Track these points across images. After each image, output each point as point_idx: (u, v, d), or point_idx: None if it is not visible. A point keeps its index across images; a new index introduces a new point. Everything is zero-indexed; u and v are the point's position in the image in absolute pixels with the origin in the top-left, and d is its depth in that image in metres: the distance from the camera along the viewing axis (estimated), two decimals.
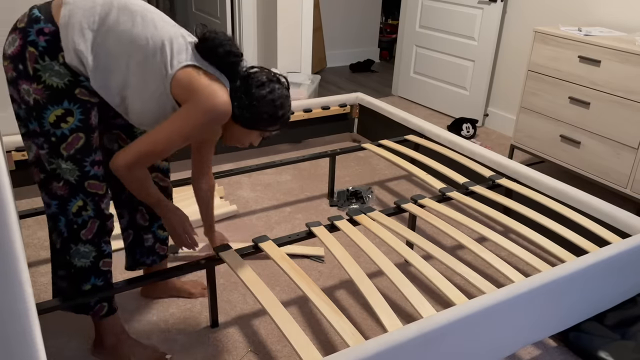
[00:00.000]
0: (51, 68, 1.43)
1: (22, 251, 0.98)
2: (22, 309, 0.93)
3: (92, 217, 1.59)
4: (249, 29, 4.16)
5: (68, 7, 1.44)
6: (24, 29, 1.43)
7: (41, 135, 1.48)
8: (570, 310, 1.76)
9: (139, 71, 1.46)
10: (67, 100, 1.46)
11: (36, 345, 0.96)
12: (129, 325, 1.88)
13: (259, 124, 1.57)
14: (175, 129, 1.46)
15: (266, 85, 1.55)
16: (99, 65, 1.45)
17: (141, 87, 1.48)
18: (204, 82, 1.45)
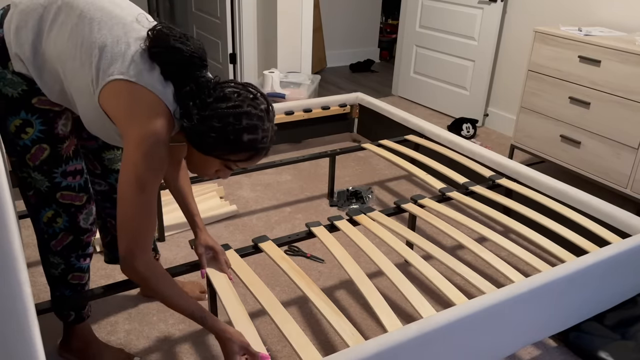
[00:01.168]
0: (3, 77, 1.30)
1: (21, 251, 0.98)
2: (21, 309, 0.93)
3: (64, 229, 1.48)
4: (249, 29, 4.16)
5: (14, 8, 1.29)
6: None
7: (7, 143, 1.39)
8: (570, 310, 1.76)
9: (72, 82, 1.28)
10: (24, 110, 1.34)
11: (35, 345, 0.96)
12: (129, 325, 1.88)
13: (215, 148, 1.25)
14: (128, 182, 1.22)
15: (232, 100, 1.23)
16: (45, 72, 1.30)
17: (79, 100, 1.30)
18: (126, 101, 1.21)
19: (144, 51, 1.24)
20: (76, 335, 1.69)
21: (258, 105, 1.27)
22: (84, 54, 1.24)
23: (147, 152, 1.21)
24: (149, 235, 1.27)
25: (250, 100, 1.26)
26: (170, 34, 1.24)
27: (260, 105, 1.27)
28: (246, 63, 4.24)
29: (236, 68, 4.32)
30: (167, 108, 1.25)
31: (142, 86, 1.22)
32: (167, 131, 1.24)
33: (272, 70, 3.58)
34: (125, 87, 1.21)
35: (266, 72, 3.53)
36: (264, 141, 1.27)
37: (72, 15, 1.27)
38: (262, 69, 4.22)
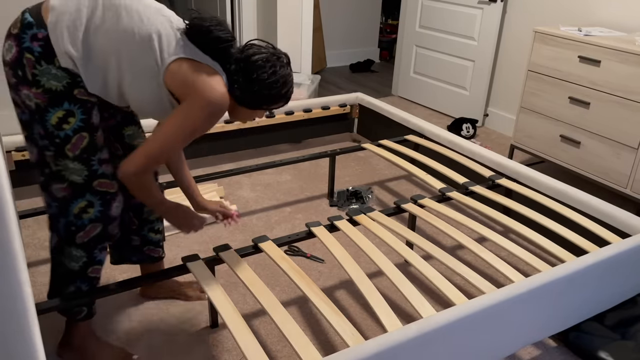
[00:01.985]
0: (48, 72, 1.43)
1: (21, 251, 0.98)
2: (21, 309, 0.93)
3: (94, 219, 1.57)
4: (249, 29, 4.16)
5: (55, 11, 1.43)
6: (18, 35, 1.44)
7: (46, 137, 1.49)
8: (570, 310, 1.76)
9: (131, 67, 1.45)
10: (67, 101, 1.46)
11: (35, 345, 0.96)
12: (129, 326, 1.88)
13: (264, 104, 1.55)
14: (177, 130, 1.45)
15: (267, 67, 1.50)
16: (91, 66, 1.45)
17: (136, 83, 1.47)
18: (196, 77, 1.44)
19: (185, 36, 1.47)
20: (79, 333, 1.70)
21: (283, 62, 1.53)
22: (142, 41, 1.43)
23: (212, 113, 1.45)
24: (162, 162, 1.52)
25: (277, 60, 1.52)
26: (208, 24, 1.46)
27: (284, 61, 1.54)
28: None
29: None
30: (223, 79, 1.49)
31: (203, 63, 1.46)
32: (227, 99, 1.48)
33: None
34: (189, 63, 1.44)
35: None
36: (292, 86, 1.58)
37: (118, 11, 1.44)
38: None
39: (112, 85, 1.49)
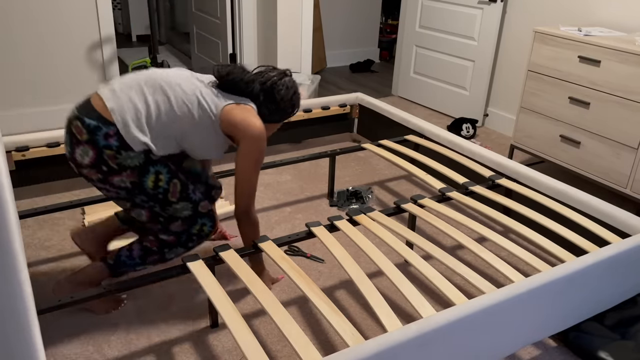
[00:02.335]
0: (128, 156, 1.73)
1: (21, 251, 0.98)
2: (21, 309, 0.93)
3: (208, 233, 1.92)
4: (249, 29, 4.16)
5: (116, 112, 1.72)
6: (91, 140, 1.71)
7: (150, 200, 1.81)
8: (570, 310, 1.76)
9: (193, 129, 1.79)
10: (151, 166, 1.78)
11: (35, 345, 0.96)
12: (129, 326, 1.88)
13: (287, 116, 1.96)
14: (248, 167, 1.83)
15: (282, 86, 1.89)
16: (160, 141, 1.78)
17: (198, 138, 1.81)
18: (239, 118, 1.79)
19: (217, 88, 1.86)
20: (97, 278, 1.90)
21: (288, 75, 1.94)
22: (193, 107, 1.78)
23: (263, 145, 1.82)
24: (254, 196, 1.90)
25: (285, 76, 1.93)
26: (233, 75, 1.85)
27: (289, 74, 1.94)
28: (246, 63, 4.24)
29: None
30: (254, 109, 1.87)
31: (243, 104, 1.84)
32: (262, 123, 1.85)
33: None
34: (231, 107, 1.81)
35: None
36: (298, 99, 1.98)
37: (163, 90, 1.77)
38: None
39: (178, 145, 1.83)
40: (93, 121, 1.70)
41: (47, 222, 2.49)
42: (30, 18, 3.32)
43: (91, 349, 1.77)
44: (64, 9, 3.40)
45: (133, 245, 1.88)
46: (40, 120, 3.55)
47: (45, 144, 2.58)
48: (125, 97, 1.74)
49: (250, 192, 1.87)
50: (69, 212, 2.57)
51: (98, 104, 1.74)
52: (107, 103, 1.72)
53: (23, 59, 3.38)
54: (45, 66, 3.46)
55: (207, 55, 4.73)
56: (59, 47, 3.46)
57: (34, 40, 3.37)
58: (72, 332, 1.84)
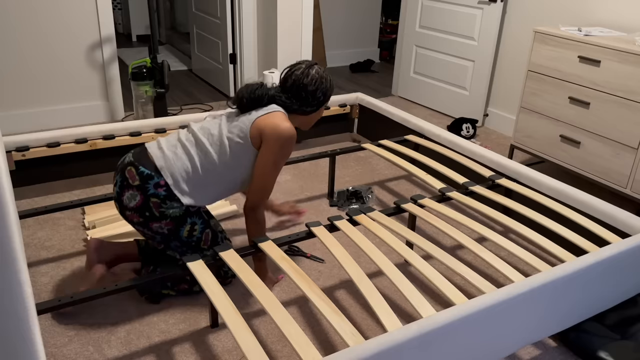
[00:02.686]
0: (172, 207, 1.86)
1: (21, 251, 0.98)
2: (21, 309, 0.93)
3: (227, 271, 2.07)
4: (249, 29, 4.16)
5: (165, 169, 1.86)
6: (141, 187, 1.84)
7: (183, 246, 1.95)
8: (570, 310, 1.76)
9: (234, 167, 1.91)
10: (189, 217, 1.91)
11: (35, 345, 0.96)
12: (129, 326, 1.88)
13: (323, 102, 2.02)
14: (265, 166, 1.88)
15: (310, 78, 1.96)
16: (203, 191, 1.91)
17: (244, 170, 1.92)
18: (263, 126, 1.86)
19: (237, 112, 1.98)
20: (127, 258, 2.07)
21: (315, 65, 2.00)
22: (225, 145, 1.88)
23: (287, 145, 1.88)
24: (268, 195, 1.95)
25: (311, 67, 1.98)
26: (246, 98, 1.94)
27: (314, 63, 2.00)
28: (246, 63, 4.24)
29: (236, 68, 4.32)
30: (285, 114, 1.94)
31: (268, 112, 1.91)
32: (292, 126, 1.91)
33: (272, 70, 3.58)
34: (260, 120, 1.89)
35: (266, 72, 3.52)
36: (332, 85, 2.05)
37: (198, 143, 1.90)
38: (262, 69, 4.22)
39: (222, 190, 1.94)
40: (147, 170, 1.85)
41: (47, 222, 2.49)
42: (31, 18, 3.32)
43: (91, 349, 1.77)
44: (64, 9, 3.40)
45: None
46: (40, 120, 3.55)
47: (45, 144, 2.58)
48: (171, 154, 1.88)
49: (263, 190, 1.92)
50: (69, 212, 2.57)
51: (155, 160, 1.88)
52: (156, 162, 1.87)
53: (23, 59, 3.38)
54: (45, 66, 3.46)
55: (207, 55, 4.73)
56: (59, 47, 3.46)
57: (34, 40, 3.37)
58: (72, 332, 1.84)
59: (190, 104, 4.18)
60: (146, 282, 1.74)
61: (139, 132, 2.76)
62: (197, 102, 4.25)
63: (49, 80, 3.51)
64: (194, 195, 1.89)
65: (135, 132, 2.75)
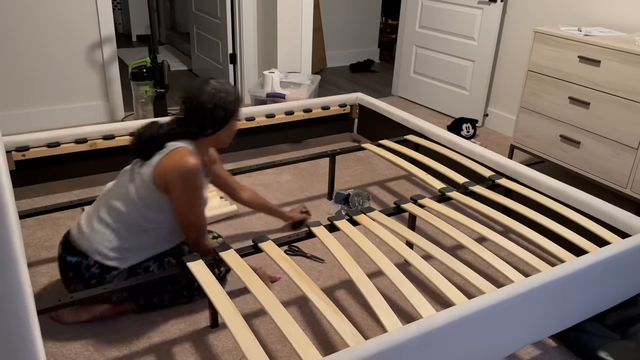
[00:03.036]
0: (114, 276, 1.85)
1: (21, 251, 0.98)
2: (21, 309, 0.93)
3: None
4: (249, 29, 4.16)
5: (88, 250, 1.83)
6: (76, 275, 1.84)
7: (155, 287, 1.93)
8: (570, 310, 1.76)
9: (148, 212, 1.83)
10: (138, 268, 1.87)
11: (35, 345, 0.96)
12: (129, 326, 1.88)
13: (228, 118, 1.87)
14: (184, 206, 1.80)
15: (206, 96, 1.81)
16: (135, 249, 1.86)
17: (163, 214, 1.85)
18: (164, 168, 1.77)
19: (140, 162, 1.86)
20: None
21: (220, 86, 1.84)
22: (134, 201, 1.82)
23: (187, 181, 1.77)
24: (204, 227, 1.89)
25: (213, 88, 1.83)
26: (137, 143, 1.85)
27: (219, 84, 1.84)
28: (246, 63, 4.24)
29: (236, 68, 4.32)
30: (187, 147, 1.83)
31: (166, 153, 1.81)
32: (197, 159, 1.79)
33: (272, 70, 3.58)
34: (158, 164, 1.80)
35: (266, 72, 3.53)
36: (236, 95, 1.88)
37: (111, 204, 1.85)
38: (262, 69, 4.22)
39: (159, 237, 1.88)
40: (74, 257, 1.82)
41: (47, 222, 2.49)
42: (30, 18, 3.32)
43: (91, 349, 1.77)
44: (64, 9, 3.40)
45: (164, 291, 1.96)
46: (40, 120, 3.55)
47: (45, 144, 2.57)
48: (89, 231, 1.83)
49: (194, 227, 1.85)
50: (69, 212, 2.57)
51: (73, 241, 1.85)
52: (79, 244, 1.83)
53: (23, 59, 3.38)
54: (45, 66, 3.46)
55: (207, 55, 4.73)
56: (59, 47, 3.46)
57: (34, 40, 3.37)
58: (72, 332, 1.84)
59: None
60: (146, 282, 1.74)
61: None
62: None
63: (49, 80, 3.51)
64: (129, 256, 1.83)
65: (135, 132, 2.74)
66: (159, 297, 1.93)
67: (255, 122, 3.09)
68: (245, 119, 3.06)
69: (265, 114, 3.13)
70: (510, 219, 2.02)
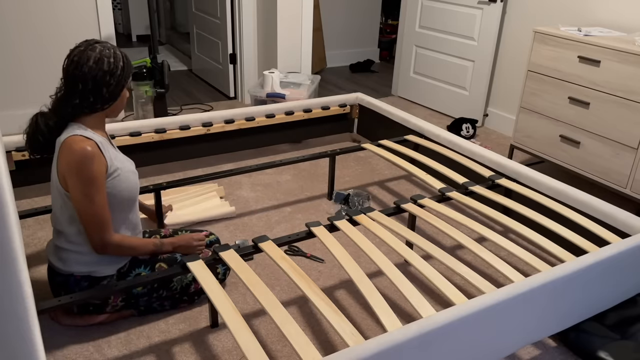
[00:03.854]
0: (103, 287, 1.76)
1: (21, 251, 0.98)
2: (21, 309, 0.93)
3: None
4: (249, 29, 4.16)
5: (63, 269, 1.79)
6: (67, 293, 1.80)
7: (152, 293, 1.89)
8: (570, 310, 1.76)
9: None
10: (128, 276, 1.84)
11: (35, 345, 0.96)
12: (129, 326, 1.88)
13: (121, 84, 1.69)
14: (80, 201, 1.64)
15: (91, 63, 1.62)
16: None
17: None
18: (60, 167, 1.65)
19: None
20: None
21: (106, 50, 1.65)
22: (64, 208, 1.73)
23: (79, 170, 1.62)
24: (107, 223, 1.70)
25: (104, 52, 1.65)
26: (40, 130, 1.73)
27: (105, 49, 1.65)
28: (246, 63, 4.24)
29: (236, 68, 4.32)
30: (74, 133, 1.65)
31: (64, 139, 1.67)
32: (87, 143, 1.62)
33: (272, 70, 3.58)
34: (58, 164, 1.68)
35: (266, 72, 3.53)
36: (117, 58, 1.67)
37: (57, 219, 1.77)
38: (262, 69, 4.22)
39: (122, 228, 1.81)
40: (60, 277, 1.78)
41: (47, 222, 2.49)
42: (30, 18, 3.32)
43: (91, 349, 1.77)
44: (64, 9, 3.40)
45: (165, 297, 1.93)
46: None
47: None
48: (60, 254, 1.77)
49: (98, 223, 1.67)
50: None
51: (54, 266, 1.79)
52: (59, 269, 1.77)
53: (23, 59, 3.38)
54: (45, 66, 3.46)
55: (207, 55, 4.73)
56: (59, 47, 3.46)
57: (34, 40, 3.37)
58: (72, 332, 1.84)
59: (190, 104, 4.18)
60: (143, 286, 1.74)
61: (139, 132, 2.76)
62: (197, 102, 4.25)
63: (49, 80, 3.51)
64: (108, 261, 1.78)
65: (135, 132, 2.75)
66: (160, 304, 1.92)
67: (255, 122, 3.10)
68: (245, 119, 3.06)
69: (265, 114, 3.13)
70: (510, 219, 2.02)
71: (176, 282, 1.91)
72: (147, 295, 1.87)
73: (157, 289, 1.87)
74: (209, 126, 2.94)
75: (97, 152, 1.63)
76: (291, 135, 3.32)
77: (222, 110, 3.01)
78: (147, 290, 1.86)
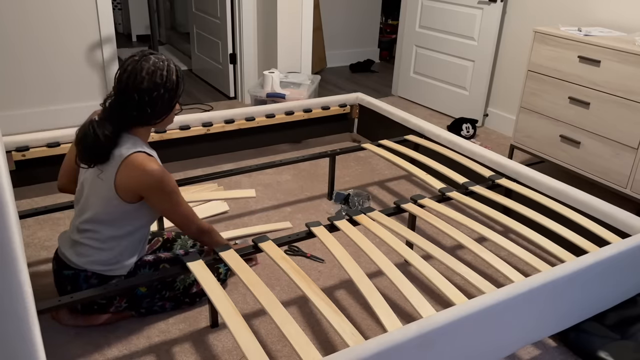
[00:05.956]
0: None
1: (21, 251, 0.98)
2: (21, 309, 0.93)
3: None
4: (249, 29, 4.16)
5: (79, 264, 1.80)
6: (75, 289, 1.81)
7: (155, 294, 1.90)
8: (570, 310, 1.76)
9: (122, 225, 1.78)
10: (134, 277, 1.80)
11: (35, 345, 0.96)
12: (129, 326, 1.88)
13: (173, 100, 1.73)
14: (168, 210, 1.76)
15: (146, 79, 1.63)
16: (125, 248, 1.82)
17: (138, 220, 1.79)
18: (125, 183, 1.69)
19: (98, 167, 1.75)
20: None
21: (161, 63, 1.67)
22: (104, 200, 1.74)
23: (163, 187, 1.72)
24: (194, 220, 1.84)
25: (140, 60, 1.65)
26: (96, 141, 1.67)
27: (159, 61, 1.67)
28: (246, 63, 4.24)
29: (236, 68, 4.32)
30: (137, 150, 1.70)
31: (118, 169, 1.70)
32: (157, 162, 1.71)
33: (272, 70, 3.58)
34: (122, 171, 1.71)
35: (266, 72, 3.53)
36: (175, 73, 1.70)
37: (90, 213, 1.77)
38: (262, 69, 4.22)
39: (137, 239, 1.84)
40: (70, 271, 1.78)
41: (47, 222, 2.49)
42: (30, 18, 3.32)
43: (91, 349, 1.77)
44: (64, 9, 3.40)
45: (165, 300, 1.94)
46: (40, 120, 3.55)
47: (45, 144, 2.57)
48: (77, 248, 1.78)
49: (185, 219, 1.81)
50: (69, 212, 2.57)
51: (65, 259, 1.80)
52: (71, 262, 1.78)
53: (23, 59, 3.38)
54: (45, 66, 3.46)
55: (207, 55, 4.72)
56: (59, 47, 3.46)
57: (34, 40, 3.37)
58: (72, 332, 1.84)
59: (190, 104, 4.18)
60: (147, 282, 1.74)
61: None
62: (197, 102, 4.25)
63: (49, 80, 3.51)
64: (123, 262, 1.80)
65: None
66: (161, 305, 1.92)
67: (255, 122, 3.10)
68: (245, 119, 3.06)
69: (265, 114, 3.13)
70: (510, 219, 2.02)
71: (179, 282, 1.91)
72: (150, 296, 1.87)
73: (160, 289, 1.88)
74: (209, 126, 2.94)
75: (162, 167, 1.72)
76: (291, 135, 3.32)
77: (222, 110, 3.01)
78: (151, 291, 1.86)
